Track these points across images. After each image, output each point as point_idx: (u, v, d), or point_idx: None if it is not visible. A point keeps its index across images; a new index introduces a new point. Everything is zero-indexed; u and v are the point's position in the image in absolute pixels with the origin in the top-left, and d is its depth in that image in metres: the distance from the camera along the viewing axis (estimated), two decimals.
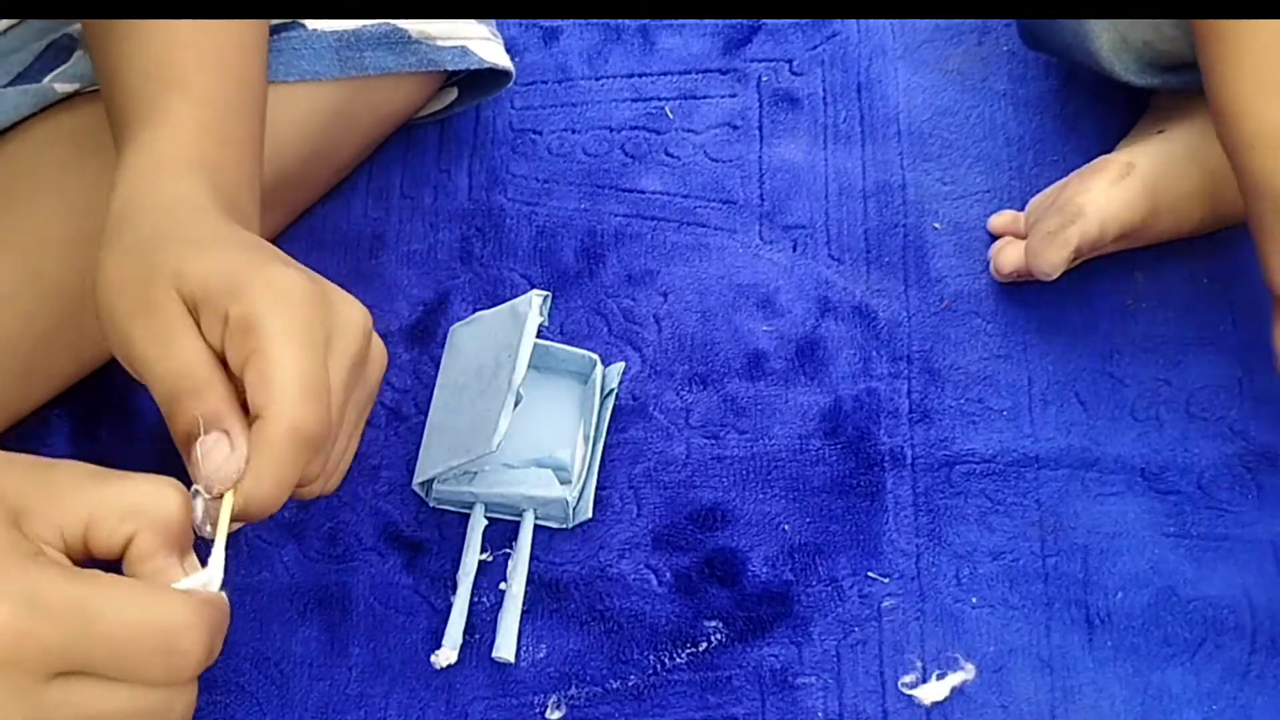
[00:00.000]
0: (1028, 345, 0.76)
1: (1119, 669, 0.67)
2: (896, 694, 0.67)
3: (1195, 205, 0.74)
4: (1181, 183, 0.73)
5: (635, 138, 0.84)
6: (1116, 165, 0.73)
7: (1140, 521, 0.70)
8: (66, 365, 0.73)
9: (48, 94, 0.71)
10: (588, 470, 0.73)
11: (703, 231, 0.81)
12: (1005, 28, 0.86)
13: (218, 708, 0.69)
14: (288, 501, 0.48)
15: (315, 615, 0.71)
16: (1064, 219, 0.71)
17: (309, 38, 0.74)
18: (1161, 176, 0.72)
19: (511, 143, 0.85)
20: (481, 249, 0.81)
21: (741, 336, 0.77)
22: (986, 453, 0.73)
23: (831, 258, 0.79)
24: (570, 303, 0.79)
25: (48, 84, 0.71)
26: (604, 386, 0.75)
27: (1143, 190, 0.72)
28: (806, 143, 0.83)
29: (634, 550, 0.72)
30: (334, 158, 0.79)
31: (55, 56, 0.72)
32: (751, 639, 0.69)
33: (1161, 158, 0.73)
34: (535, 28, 0.89)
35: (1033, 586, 0.69)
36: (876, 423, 0.74)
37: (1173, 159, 0.73)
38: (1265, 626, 0.67)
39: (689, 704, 0.68)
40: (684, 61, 0.87)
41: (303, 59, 0.74)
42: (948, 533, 0.71)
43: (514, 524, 0.72)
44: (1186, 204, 0.73)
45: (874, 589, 0.70)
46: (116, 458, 0.75)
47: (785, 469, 0.73)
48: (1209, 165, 0.72)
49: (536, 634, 0.70)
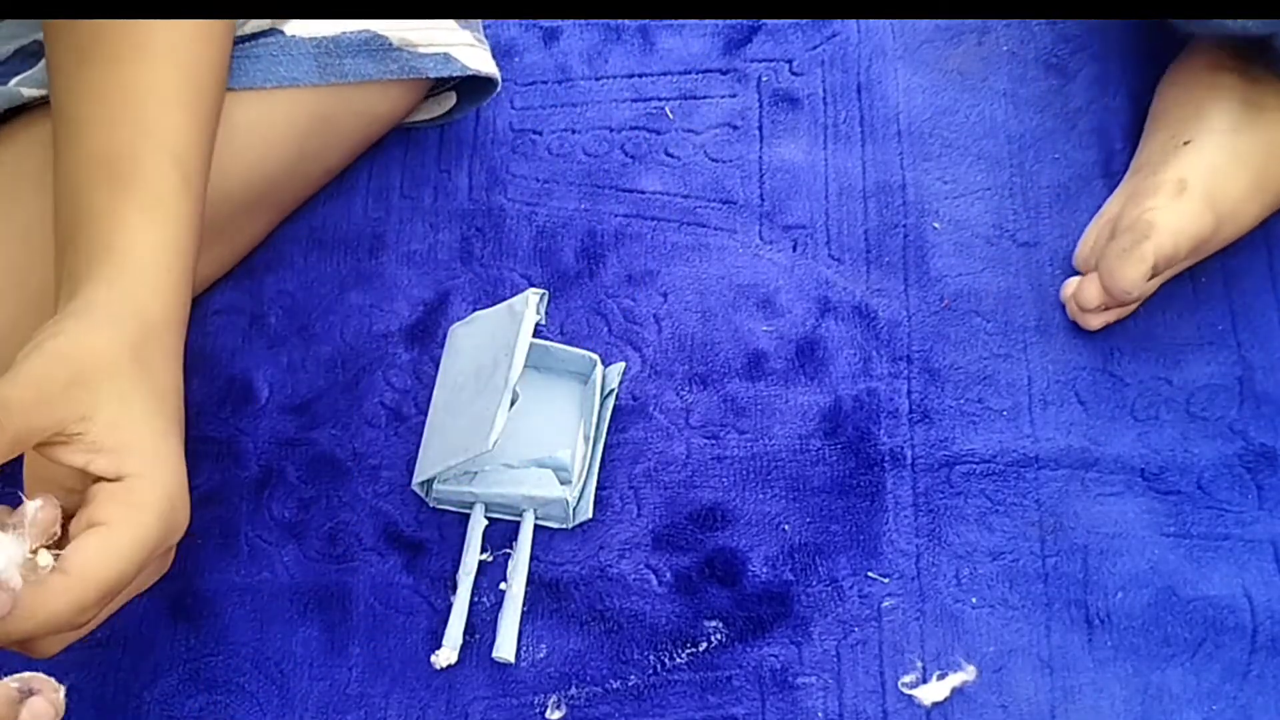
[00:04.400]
0: (1028, 345, 0.76)
1: (1119, 669, 0.67)
2: (896, 694, 0.67)
3: (1250, 204, 0.73)
4: (1233, 187, 0.72)
5: (635, 138, 0.84)
6: (1169, 183, 0.72)
7: (1140, 521, 0.70)
8: None
9: (13, 97, 0.70)
10: (588, 470, 0.73)
11: (703, 231, 0.81)
12: (1005, 27, 0.86)
13: (218, 708, 0.69)
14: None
15: (315, 615, 0.71)
16: (1136, 235, 0.70)
17: (287, 44, 0.74)
18: (1216, 186, 0.72)
19: (511, 143, 0.85)
20: (481, 249, 0.81)
21: (741, 336, 0.77)
22: (986, 453, 0.73)
23: (831, 257, 0.79)
24: (570, 303, 0.79)
25: (14, 88, 0.71)
26: (604, 386, 0.75)
27: (1204, 202, 0.71)
28: (806, 143, 0.83)
29: (634, 550, 0.72)
30: (319, 161, 0.79)
31: (22, 62, 0.73)
32: (751, 639, 0.69)
33: (1206, 168, 0.72)
34: (535, 28, 0.89)
35: (1033, 586, 0.69)
36: (876, 423, 0.74)
37: (1216, 167, 0.72)
38: (1265, 626, 0.67)
39: (689, 704, 0.68)
40: (684, 61, 0.87)
41: (281, 65, 0.74)
42: (948, 533, 0.71)
43: (514, 524, 0.72)
44: (1243, 206, 0.73)
45: (874, 589, 0.70)
46: None
47: (785, 469, 0.73)
48: (1251, 161, 0.72)
49: (536, 634, 0.70)
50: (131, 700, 0.69)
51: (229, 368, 0.78)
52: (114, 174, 0.60)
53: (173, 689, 0.70)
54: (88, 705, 0.69)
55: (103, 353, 0.55)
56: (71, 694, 0.69)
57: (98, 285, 0.58)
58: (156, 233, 0.60)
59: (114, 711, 0.69)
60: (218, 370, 0.78)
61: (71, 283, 0.59)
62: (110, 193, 0.60)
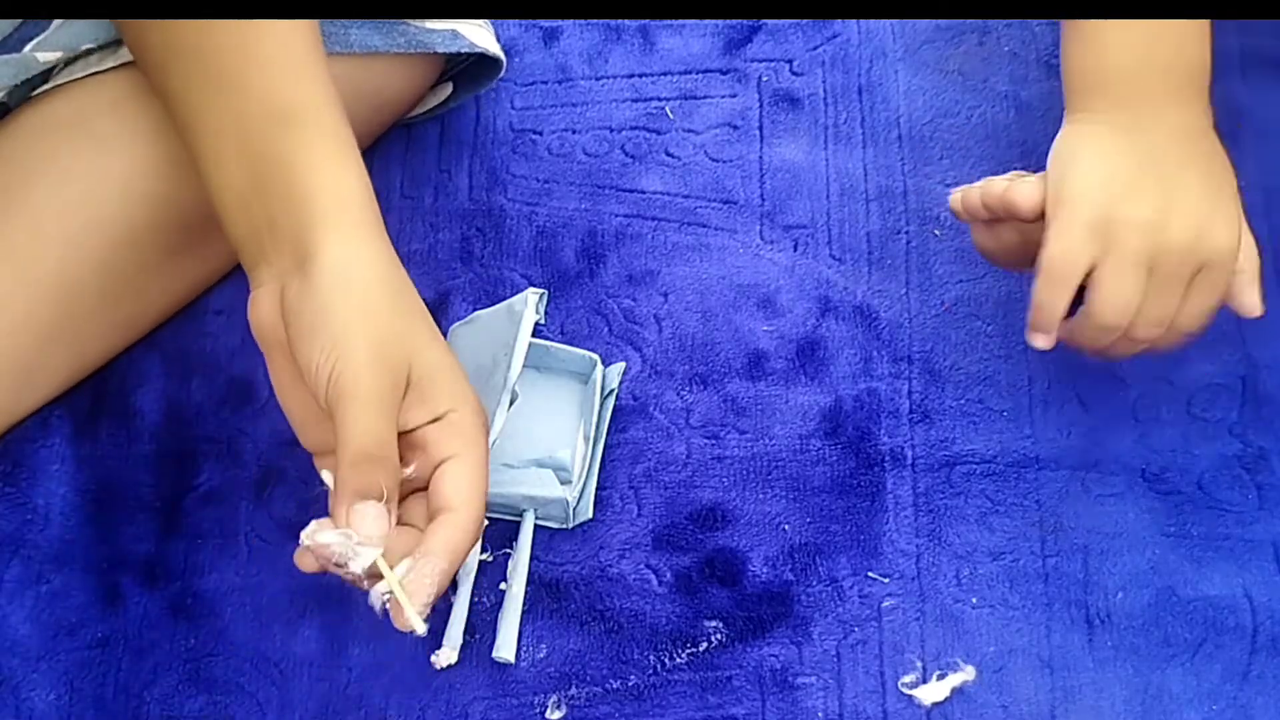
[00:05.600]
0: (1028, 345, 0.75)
1: (1119, 669, 0.67)
2: (896, 694, 0.67)
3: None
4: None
5: (635, 138, 0.84)
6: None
7: (1141, 522, 0.70)
8: (66, 365, 0.73)
9: (29, 64, 0.69)
10: (588, 470, 0.73)
11: (703, 231, 0.81)
12: (1006, 28, 0.86)
13: (218, 707, 0.69)
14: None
15: (315, 615, 0.71)
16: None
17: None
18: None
19: (511, 143, 0.85)
20: (482, 249, 0.81)
21: (742, 336, 0.77)
22: (987, 453, 0.73)
23: (833, 257, 0.79)
24: (570, 303, 0.79)
25: (29, 53, 0.70)
26: (604, 386, 0.75)
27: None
28: (807, 143, 0.83)
29: (634, 550, 0.72)
30: None
31: (35, 25, 0.71)
32: (751, 639, 0.69)
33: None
34: (535, 28, 0.89)
35: (1033, 587, 0.69)
36: (877, 423, 0.74)
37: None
38: (1265, 626, 0.67)
39: (689, 704, 0.68)
40: (684, 61, 0.87)
41: None
42: (948, 533, 0.71)
43: (514, 524, 0.72)
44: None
45: (874, 589, 0.70)
46: (116, 458, 0.75)
47: (786, 469, 0.73)
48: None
49: (537, 634, 0.70)
50: (131, 700, 0.69)
51: (229, 368, 0.78)
52: (288, 120, 0.61)
53: (173, 689, 0.70)
54: (88, 705, 0.69)
55: (390, 323, 0.58)
56: (72, 694, 0.70)
57: (337, 240, 0.59)
58: (355, 175, 0.62)
59: (114, 711, 0.69)
60: (218, 370, 0.78)
61: (281, 233, 0.60)
62: (296, 139, 0.60)
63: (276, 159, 0.60)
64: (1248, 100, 0.81)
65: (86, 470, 0.75)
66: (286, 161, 0.60)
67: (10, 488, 0.75)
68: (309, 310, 0.57)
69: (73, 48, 0.70)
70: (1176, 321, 0.63)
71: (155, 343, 0.78)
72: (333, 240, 0.59)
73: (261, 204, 0.60)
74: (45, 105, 0.70)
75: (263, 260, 0.60)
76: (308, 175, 0.60)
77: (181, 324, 0.79)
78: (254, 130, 0.60)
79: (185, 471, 0.75)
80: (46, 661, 0.70)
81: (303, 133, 0.60)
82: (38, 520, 0.74)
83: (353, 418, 0.55)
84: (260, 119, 0.60)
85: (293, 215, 0.59)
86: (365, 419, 0.56)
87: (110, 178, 0.69)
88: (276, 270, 0.60)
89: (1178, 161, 0.63)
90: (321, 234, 0.59)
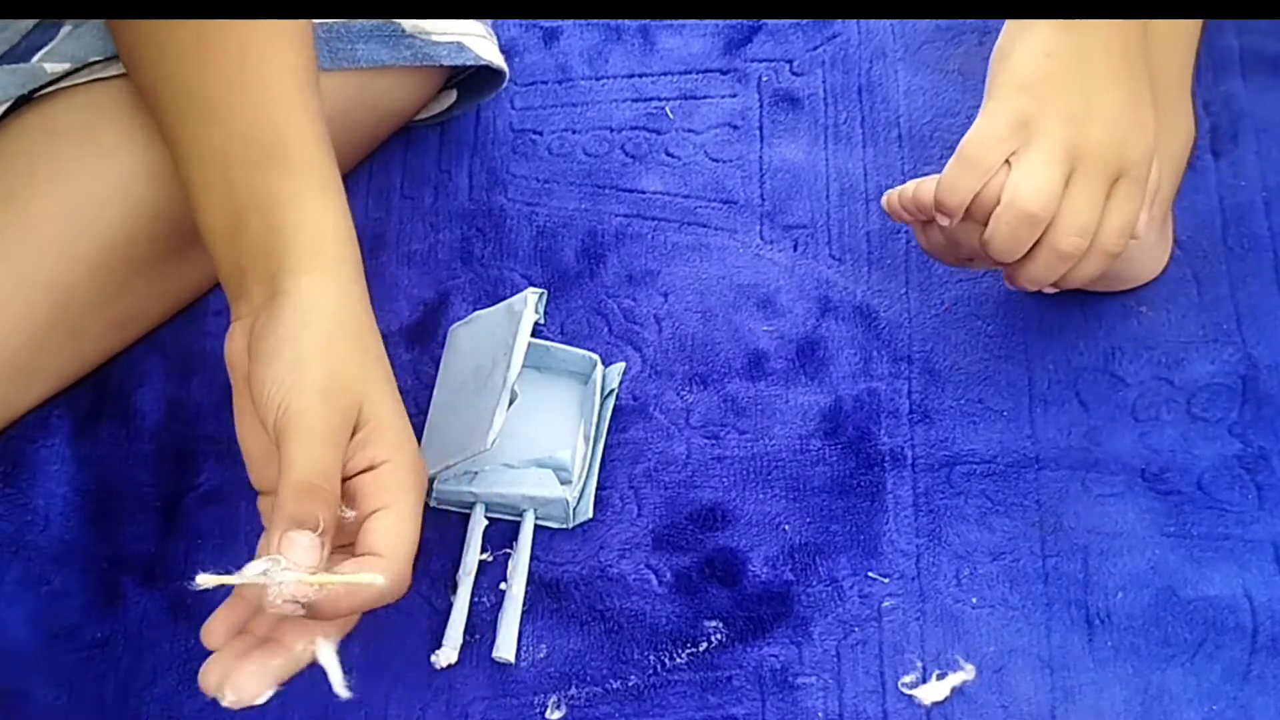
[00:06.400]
0: (1028, 345, 0.75)
1: (1119, 669, 0.67)
2: (896, 694, 0.67)
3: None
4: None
5: (635, 138, 0.84)
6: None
7: (1140, 521, 0.70)
8: (65, 365, 0.73)
9: (37, 74, 0.70)
10: (588, 470, 0.73)
11: (703, 231, 0.81)
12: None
13: (218, 708, 0.69)
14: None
15: None
16: None
17: None
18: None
19: (512, 143, 0.85)
20: (482, 249, 0.81)
21: (742, 336, 0.77)
22: (987, 453, 0.73)
23: (833, 257, 0.79)
24: (570, 303, 0.79)
25: (37, 64, 0.70)
26: (604, 386, 0.75)
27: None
28: (807, 143, 0.83)
29: (634, 550, 0.72)
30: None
31: (43, 33, 0.71)
32: (751, 639, 0.69)
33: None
34: (535, 28, 0.89)
35: (1033, 586, 0.69)
36: (877, 423, 0.74)
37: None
38: (1265, 626, 0.67)
39: (689, 704, 0.68)
40: (684, 61, 0.87)
41: None
42: (948, 533, 0.71)
43: (514, 524, 0.72)
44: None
45: (874, 589, 0.70)
46: (117, 458, 0.75)
47: (785, 469, 0.73)
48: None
49: (537, 634, 0.70)
50: (131, 700, 0.69)
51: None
52: (273, 157, 0.61)
53: (173, 689, 0.70)
54: (88, 705, 0.69)
55: (348, 362, 0.58)
56: (71, 694, 0.70)
57: (309, 279, 0.59)
58: (335, 215, 0.61)
59: (114, 711, 0.69)
60: (218, 370, 0.78)
61: (259, 270, 0.60)
62: (279, 177, 0.60)
63: (259, 195, 0.60)
64: (1248, 100, 0.80)
65: (86, 470, 0.75)
66: (267, 200, 0.60)
67: (10, 488, 0.75)
68: (270, 340, 0.57)
69: (80, 59, 0.70)
70: (1099, 237, 0.62)
71: (155, 343, 0.78)
72: (303, 279, 0.59)
73: (243, 240, 0.60)
74: (49, 109, 0.70)
75: (242, 295, 0.61)
76: (287, 214, 0.60)
77: (182, 324, 0.79)
78: (238, 165, 0.61)
79: (185, 471, 0.75)
80: (46, 661, 0.70)
81: (287, 171, 0.61)
82: (38, 520, 0.74)
83: (298, 445, 0.55)
84: (245, 154, 0.61)
85: (271, 253, 0.59)
86: (311, 448, 0.55)
87: (109, 181, 0.69)
88: (254, 305, 0.60)
89: (1108, 69, 0.63)
90: (294, 272, 0.59)
